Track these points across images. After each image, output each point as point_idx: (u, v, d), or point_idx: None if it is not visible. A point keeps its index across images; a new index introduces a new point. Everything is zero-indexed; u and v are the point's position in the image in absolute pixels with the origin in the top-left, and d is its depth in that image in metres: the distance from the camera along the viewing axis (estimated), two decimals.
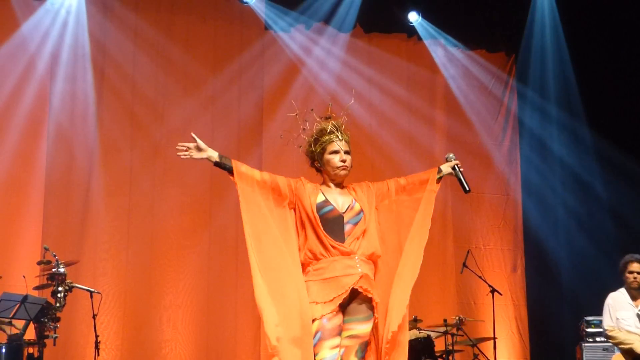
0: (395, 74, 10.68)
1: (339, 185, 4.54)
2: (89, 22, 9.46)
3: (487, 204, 10.77)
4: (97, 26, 9.51)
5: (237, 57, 10.06)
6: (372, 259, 4.46)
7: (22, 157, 9.04)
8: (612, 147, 10.13)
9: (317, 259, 4.35)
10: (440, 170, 4.69)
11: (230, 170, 4.44)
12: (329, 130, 4.53)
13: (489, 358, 9.02)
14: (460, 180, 4.62)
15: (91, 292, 7.74)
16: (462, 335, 8.90)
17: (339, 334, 4.27)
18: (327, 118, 4.58)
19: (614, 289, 7.08)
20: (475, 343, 8.98)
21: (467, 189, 4.56)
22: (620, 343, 6.81)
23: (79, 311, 8.59)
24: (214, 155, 4.42)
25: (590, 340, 8.80)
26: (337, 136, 4.52)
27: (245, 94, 10.05)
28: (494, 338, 9.07)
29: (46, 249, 7.65)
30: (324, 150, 4.51)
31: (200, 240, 9.54)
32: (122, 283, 9.15)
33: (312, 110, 4.61)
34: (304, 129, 4.60)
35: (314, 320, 4.24)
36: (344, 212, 4.41)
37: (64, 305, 7.37)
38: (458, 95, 10.82)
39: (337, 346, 4.23)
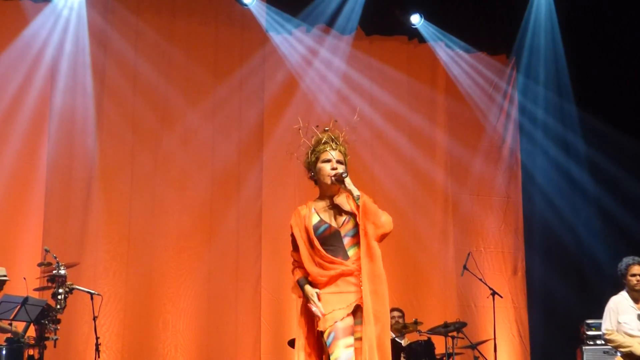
0: (396, 76, 10.69)
1: (332, 196, 4.55)
2: (90, 24, 9.47)
3: (487, 206, 10.77)
4: (97, 29, 9.51)
5: (238, 60, 10.07)
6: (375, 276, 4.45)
7: (23, 159, 9.05)
8: (621, 149, 10.18)
9: (317, 280, 4.43)
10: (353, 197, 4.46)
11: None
12: (323, 140, 4.58)
13: None
14: (340, 177, 4.44)
15: (92, 294, 7.74)
16: (463, 338, 8.91)
17: (352, 333, 4.32)
18: (325, 130, 4.63)
19: (615, 292, 7.07)
20: (475, 345, 8.98)
21: (343, 174, 4.39)
22: (619, 346, 6.80)
23: (79, 313, 8.58)
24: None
25: (591, 343, 8.79)
26: (331, 146, 4.56)
27: (247, 95, 10.05)
28: (495, 340, 9.08)
29: (47, 251, 7.65)
30: (317, 159, 4.56)
31: (201, 243, 9.54)
32: (123, 285, 9.15)
33: (317, 126, 4.66)
34: (309, 145, 4.63)
35: (322, 333, 4.33)
36: (340, 227, 4.46)
37: (64, 307, 7.36)
38: (459, 98, 10.83)
39: (351, 345, 4.28)
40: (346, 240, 4.45)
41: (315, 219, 4.48)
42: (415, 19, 10.57)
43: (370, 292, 4.32)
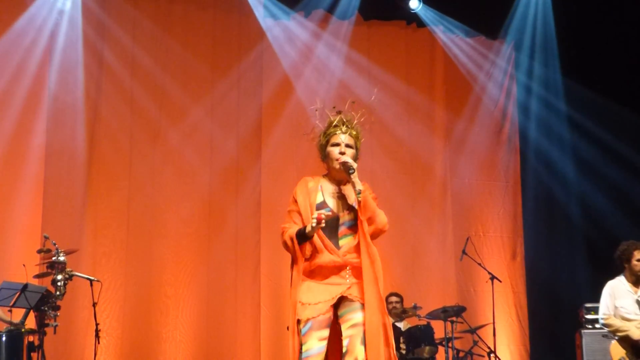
0: (394, 61, 10.68)
1: (341, 181, 4.53)
2: (87, 11, 9.44)
3: (486, 191, 10.77)
4: (94, 16, 9.49)
5: (236, 49, 10.05)
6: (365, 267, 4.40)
7: (21, 146, 9.04)
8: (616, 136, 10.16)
9: (309, 261, 4.38)
10: (354, 189, 4.41)
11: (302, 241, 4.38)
12: (334, 123, 4.55)
13: (488, 345, 9.04)
14: (346, 169, 4.39)
15: (91, 281, 7.75)
16: (462, 322, 8.93)
17: (328, 326, 4.30)
18: (338, 112, 4.59)
19: (613, 276, 7.08)
20: (474, 330, 9.01)
21: (350, 170, 4.34)
22: (617, 330, 6.82)
23: (79, 299, 8.60)
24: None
25: (590, 327, 8.81)
26: (341, 129, 4.52)
27: (245, 84, 10.03)
28: (494, 324, 9.11)
29: (46, 238, 7.65)
30: (327, 142, 4.52)
31: (199, 228, 9.56)
32: (122, 271, 9.16)
33: (334, 107, 4.61)
34: (322, 127, 4.59)
35: (299, 321, 4.31)
36: (340, 214, 4.42)
37: (64, 294, 7.37)
38: (458, 82, 10.80)
39: (325, 338, 4.26)
40: (341, 229, 4.41)
41: (319, 198, 4.44)
42: (414, 4, 10.53)
43: (374, 285, 4.29)
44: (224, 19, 10.08)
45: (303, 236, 4.33)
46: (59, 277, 7.32)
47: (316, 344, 4.21)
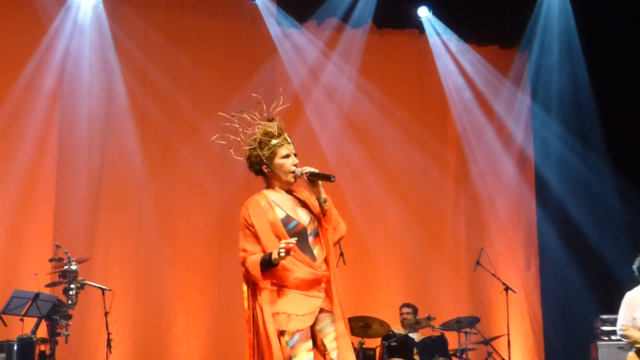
0: (406, 71, 10.66)
1: (288, 191, 4.45)
2: (100, 22, 9.49)
3: (500, 201, 10.71)
4: (107, 26, 9.53)
5: (247, 59, 10.05)
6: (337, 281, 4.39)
7: (34, 155, 9.06)
8: (624, 149, 10.07)
9: (285, 280, 4.29)
10: (320, 199, 4.34)
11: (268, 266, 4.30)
12: (277, 133, 4.39)
13: (503, 356, 8.98)
14: (322, 179, 4.29)
15: (103, 290, 7.74)
16: (476, 334, 8.86)
17: (310, 337, 4.24)
18: (270, 120, 4.46)
19: (629, 287, 7.00)
20: (488, 341, 8.94)
21: (331, 177, 4.24)
22: (635, 342, 6.75)
23: (90, 309, 8.58)
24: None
25: (606, 338, 8.73)
26: (287, 139, 4.41)
27: (257, 91, 10.00)
28: (508, 336, 9.04)
29: (58, 247, 7.66)
30: (274, 154, 4.38)
31: (211, 239, 9.53)
32: (134, 280, 9.16)
33: (241, 110, 4.50)
34: (247, 133, 4.48)
35: (284, 332, 4.20)
36: (307, 224, 4.33)
37: (75, 303, 7.39)
38: (470, 93, 10.74)
39: (311, 350, 4.21)
40: (310, 239, 4.31)
41: (280, 213, 4.30)
42: (423, 12, 10.48)
43: (338, 296, 4.29)
44: (235, 29, 10.06)
45: (267, 264, 4.24)
46: (71, 286, 7.32)
47: (306, 355, 4.16)
